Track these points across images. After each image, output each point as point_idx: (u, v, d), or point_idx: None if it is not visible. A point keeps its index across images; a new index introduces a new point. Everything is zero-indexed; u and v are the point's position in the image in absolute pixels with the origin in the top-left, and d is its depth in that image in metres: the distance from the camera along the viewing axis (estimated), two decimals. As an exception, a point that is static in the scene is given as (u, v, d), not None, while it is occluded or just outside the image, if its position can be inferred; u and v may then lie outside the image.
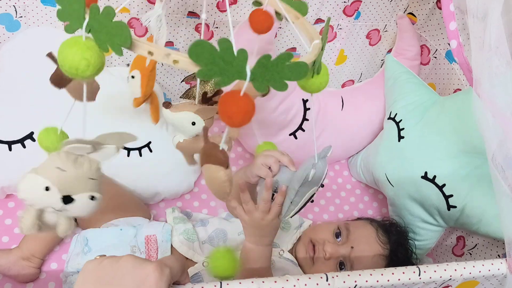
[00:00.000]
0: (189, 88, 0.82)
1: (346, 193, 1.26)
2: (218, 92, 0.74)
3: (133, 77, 0.82)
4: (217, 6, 1.02)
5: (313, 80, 0.54)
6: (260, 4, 0.69)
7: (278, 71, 0.41)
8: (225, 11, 1.03)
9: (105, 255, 0.57)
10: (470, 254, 1.03)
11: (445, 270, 0.66)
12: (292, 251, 0.94)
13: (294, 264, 0.90)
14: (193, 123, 0.70)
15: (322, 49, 0.54)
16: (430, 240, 1.04)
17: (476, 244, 1.02)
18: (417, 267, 0.65)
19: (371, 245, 0.91)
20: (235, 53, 0.40)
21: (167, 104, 0.71)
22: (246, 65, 0.40)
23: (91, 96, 0.54)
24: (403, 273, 0.64)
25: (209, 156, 0.49)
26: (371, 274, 0.63)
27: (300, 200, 0.71)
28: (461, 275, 0.66)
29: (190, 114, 0.70)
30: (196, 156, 0.79)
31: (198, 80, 0.70)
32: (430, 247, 1.06)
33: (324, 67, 0.55)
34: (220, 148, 0.49)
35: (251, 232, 0.76)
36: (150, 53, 0.43)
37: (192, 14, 1.02)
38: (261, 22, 0.65)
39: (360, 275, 0.62)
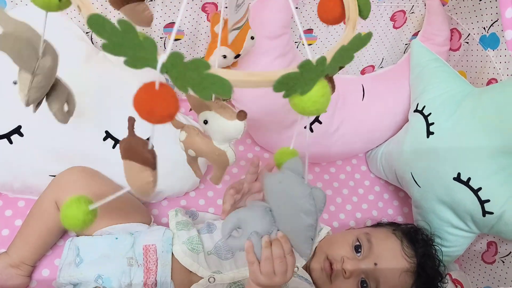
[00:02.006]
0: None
1: (364, 190, 1.16)
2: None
3: (205, 122, 0.64)
4: (227, -16, 0.91)
5: (298, 100, 0.42)
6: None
7: (195, 78, 0.35)
8: (235, -11, 0.92)
9: (101, 288, 0.49)
10: (503, 262, 0.94)
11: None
12: (307, 266, 0.85)
13: (309, 283, 0.81)
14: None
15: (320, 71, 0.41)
16: (460, 247, 0.95)
17: (511, 252, 0.92)
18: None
19: (396, 260, 0.82)
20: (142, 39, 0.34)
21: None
22: (156, 53, 0.34)
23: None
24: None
25: (133, 153, 0.42)
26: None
27: (317, 230, 0.58)
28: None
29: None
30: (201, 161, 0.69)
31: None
32: (458, 254, 0.97)
33: (321, 88, 0.41)
34: (149, 147, 0.42)
35: (261, 285, 0.62)
36: None
37: (199, -8, 0.91)
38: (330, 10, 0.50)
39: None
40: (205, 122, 0.61)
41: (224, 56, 0.85)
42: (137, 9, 0.50)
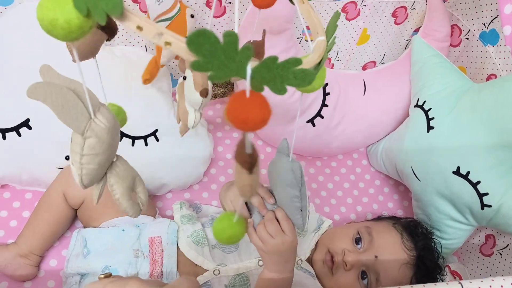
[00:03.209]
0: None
1: (365, 184, 1.18)
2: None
3: (184, 78, 0.71)
4: (231, -20, 0.93)
5: None
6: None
7: (281, 75, 0.36)
8: (239, -15, 0.94)
9: (110, 274, 0.51)
10: (501, 254, 0.96)
11: (490, 286, 0.59)
12: (309, 259, 0.86)
13: (312, 276, 0.82)
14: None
15: (327, 50, 0.46)
16: (459, 239, 0.96)
17: (508, 244, 0.94)
18: (460, 283, 0.58)
19: (397, 253, 0.83)
20: (239, 48, 0.33)
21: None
22: (248, 64, 0.34)
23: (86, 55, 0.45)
24: (446, 291, 0.57)
25: (237, 153, 0.43)
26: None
27: (306, 202, 0.64)
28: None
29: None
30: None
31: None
32: (457, 247, 0.99)
33: (322, 69, 0.47)
34: (247, 151, 0.43)
35: (272, 260, 0.67)
36: (139, 28, 0.35)
37: (203, -12, 0.93)
38: None
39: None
40: (184, 78, 0.68)
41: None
42: None
